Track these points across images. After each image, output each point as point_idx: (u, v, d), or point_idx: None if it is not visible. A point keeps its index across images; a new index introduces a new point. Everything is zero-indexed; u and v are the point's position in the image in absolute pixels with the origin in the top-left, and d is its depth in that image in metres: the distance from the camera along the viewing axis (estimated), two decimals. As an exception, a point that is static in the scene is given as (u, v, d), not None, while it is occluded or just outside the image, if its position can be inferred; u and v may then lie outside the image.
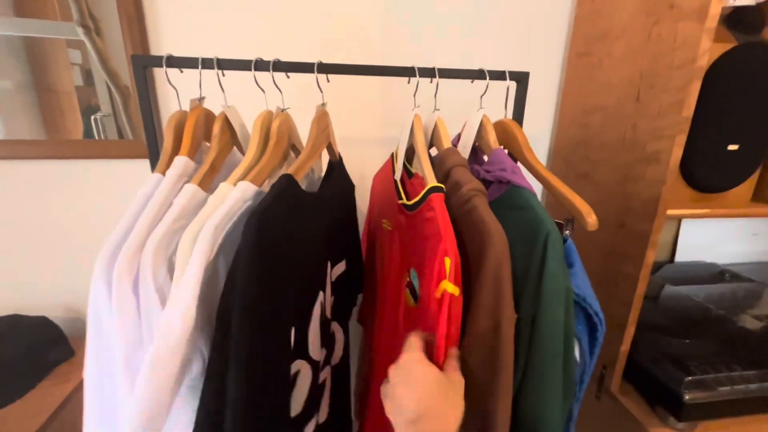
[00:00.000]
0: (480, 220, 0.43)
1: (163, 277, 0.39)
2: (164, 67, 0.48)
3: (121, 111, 0.82)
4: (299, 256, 0.43)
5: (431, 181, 0.48)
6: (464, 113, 0.63)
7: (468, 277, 0.44)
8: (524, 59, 0.92)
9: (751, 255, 1.17)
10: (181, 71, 0.52)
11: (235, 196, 0.41)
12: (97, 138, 0.83)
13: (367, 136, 0.91)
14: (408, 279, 0.54)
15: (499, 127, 0.61)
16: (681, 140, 0.61)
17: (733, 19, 0.64)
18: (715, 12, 0.55)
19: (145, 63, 0.48)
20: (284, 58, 0.53)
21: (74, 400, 0.73)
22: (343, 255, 0.66)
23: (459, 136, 0.65)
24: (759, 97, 0.65)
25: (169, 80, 0.50)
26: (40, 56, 0.77)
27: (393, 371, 0.39)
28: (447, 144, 0.55)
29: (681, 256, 1.14)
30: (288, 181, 0.42)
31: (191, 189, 0.42)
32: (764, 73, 0.64)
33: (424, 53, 0.88)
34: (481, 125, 0.59)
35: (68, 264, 0.90)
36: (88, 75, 0.80)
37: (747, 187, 0.72)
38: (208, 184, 0.45)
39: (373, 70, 0.58)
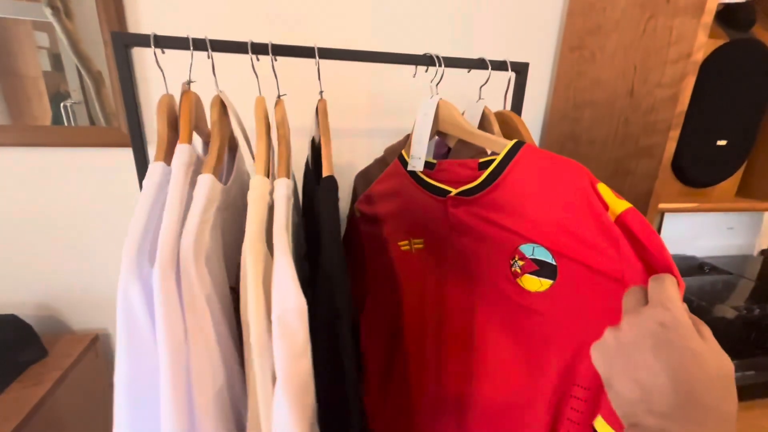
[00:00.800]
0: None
1: (202, 269, 0.38)
2: (152, 47, 0.45)
3: (93, 98, 0.77)
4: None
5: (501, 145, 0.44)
6: (459, 104, 0.62)
7: None
8: (516, 53, 0.91)
9: (727, 248, 1.21)
10: (163, 52, 0.48)
11: (284, 194, 0.42)
12: (66, 125, 0.77)
13: (357, 126, 0.89)
14: (519, 261, 0.44)
15: (500, 118, 0.59)
16: (675, 135, 0.62)
17: (725, 15, 0.65)
18: (711, 7, 0.55)
19: (127, 42, 0.45)
20: (264, 41, 0.51)
21: (48, 403, 0.69)
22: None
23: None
24: (747, 93, 0.66)
25: (157, 62, 0.46)
26: (3, 38, 0.71)
27: (645, 333, 0.26)
28: (461, 125, 0.52)
29: (662, 250, 1.17)
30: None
31: (209, 180, 0.41)
32: (754, 68, 0.65)
33: (415, 46, 0.86)
34: (484, 116, 0.57)
35: (39, 258, 0.84)
36: (56, 59, 0.74)
37: (732, 181, 0.74)
38: (218, 173, 0.44)
39: (376, 57, 0.56)
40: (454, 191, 0.47)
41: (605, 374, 0.29)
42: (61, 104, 0.77)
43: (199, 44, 0.45)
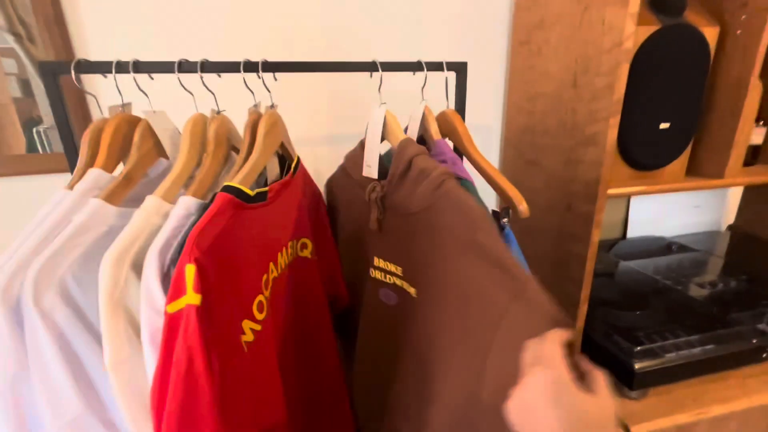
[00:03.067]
0: (458, 201, 0.44)
1: (50, 301, 0.36)
2: (72, 73, 0.45)
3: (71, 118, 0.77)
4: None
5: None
6: (409, 106, 0.63)
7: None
8: (471, 50, 0.93)
9: (695, 226, 1.24)
10: (105, 76, 0.49)
11: (179, 214, 0.39)
12: (41, 151, 0.77)
13: (313, 135, 0.90)
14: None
15: (441, 118, 0.61)
16: (615, 122, 0.63)
17: (657, 2, 0.67)
18: (636, -4, 0.57)
19: (54, 70, 0.45)
20: (221, 56, 0.51)
21: None
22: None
23: (406, 129, 0.65)
24: (684, 76, 0.68)
25: (82, 88, 0.47)
26: (-32, 67, 0.71)
27: (531, 392, 0.32)
28: (400, 136, 0.54)
29: (632, 232, 1.19)
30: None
31: (95, 204, 0.39)
32: (687, 52, 0.67)
33: (366, 47, 0.87)
34: (424, 117, 0.59)
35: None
36: (26, 85, 0.74)
37: (681, 162, 0.76)
38: (120, 197, 0.42)
39: (310, 67, 0.57)
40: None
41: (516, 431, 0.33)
42: (34, 129, 0.77)
43: (123, 67, 0.45)
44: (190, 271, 0.33)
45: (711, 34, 0.68)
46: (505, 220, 0.49)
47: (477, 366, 0.42)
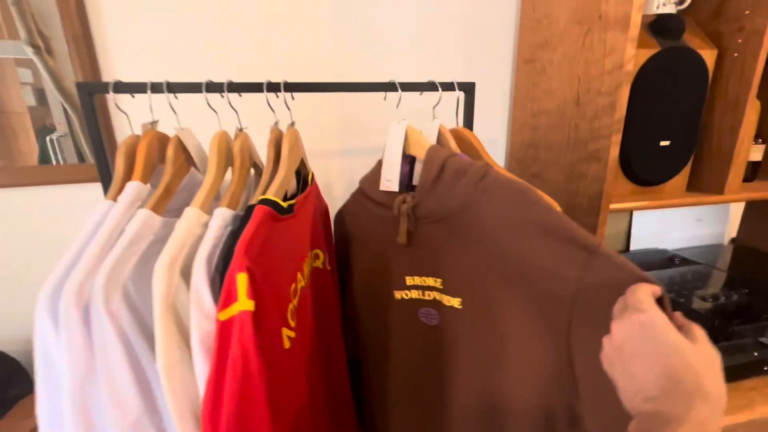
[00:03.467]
0: (507, 184, 0.45)
1: (116, 305, 0.38)
2: (111, 93, 0.48)
3: (78, 131, 0.80)
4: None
5: None
6: (416, 124, 0.66)
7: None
8: (477, 68, 0.96)
9: (698, 239, 1.26)
10: (133, 96, 0.52)
11: (218, 224, 0.42)
12: (54, 160, 0.81)
13: (325, 149, 0.93)
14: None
15: (455, 134, 0.63)
16: (617, 139, 0.66)
17: (656, 25, 0.70)
18: (636, 21, 0.60)
19: (91, 90, 0.48)
20: (237, 75, 0.55)
21: (38, 435, 0.71)
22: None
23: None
24: (684, 96, 0.71)
25: (117, 106, 0.50)
26: (-13, 77, 0.75)
27: (630, 333, 0.31)
28: (425, 146, 0.53)
29: (635, 245, 1.21)
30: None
31: (144, 214, 0.42)
32: (686, 73, 0.70)
33: (375, 68, 0.90)
34: (440, 134, 0.60)
35: (24, 295, 0.86)
36: (41, 95, 0.77)
37: (682, 178, 0.78)
38: (163, 208, 0.45)
39: (329, 87, 0.60)
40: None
41: (612, 377, 0.33)
42: (47, 138, 0.80)
43: (157, 87, 0.48)
44: (242, 279, 0.35)
45: (709, 56, 0.71)
46: None
47: (558, 348, 0.41)
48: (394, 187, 0.56)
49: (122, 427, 0.38)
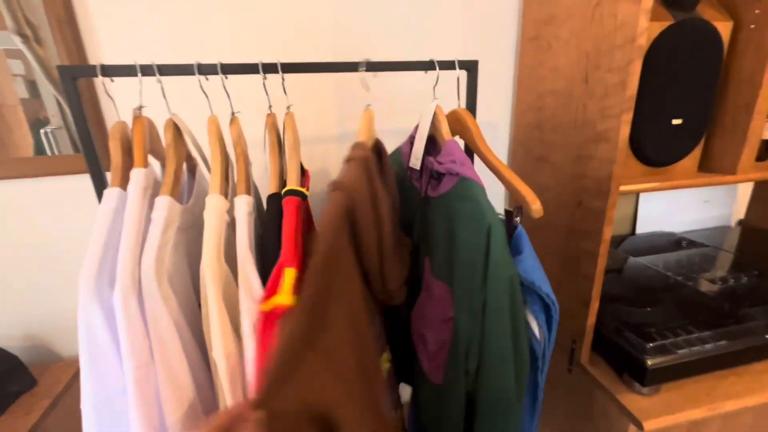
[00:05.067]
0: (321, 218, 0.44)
1: (165, 288, 0.39)
2: (99, 77, 0.45)
3: (72, 122, 0.78)
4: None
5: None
6: (421, 104, 0.63)
7: None
8: (480, 46, 0.93)
9: (704, 221, 1.24)
10: (112, 80, 0.49)
11: (245, 211, 0.43)
12: (49, 152, 0.78)
13: (325, 133, 0.90)
14: None
15: (453, 116, 0.61)
16: (627, 118, 0.63)
17: (668, -3, 0.66)
18: (649, -9, 0.56)
19: (74, 74, 0.45)
20: (228, 59, 0.52)
21: (38, 431, 0.70)
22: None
23: (416, 128, 0.65)
24: (696, 72, 0.68)
25: (106, 91, 0.47)
26: (-24, 70, 0.72)
27: None
28: (365, 136, 0.55)
29: (641, 228, 1.19)
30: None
31: (168, 201, 0.42)
32: (700, 47, 0.67)
33: (374, 46, 0.87)
34: (435, 116, 0.59)
35: (22, 289, 0.85)
36: (33, 86, 0.75)
37: (692, 158, 0.76)
38: (177, 194, 0.45)
39: (322, 67, 0.57)
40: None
41: None
42: (41, 131, 0.77)
43: (147, 70, 0.45)
44: (290, 273, 0.37)
45: (724, 28, 0.68)
46: (517, 219, 0.50)
47: None
48: (418, 165, 0.60)
49: (182, 411, 0.40)
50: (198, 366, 0.43)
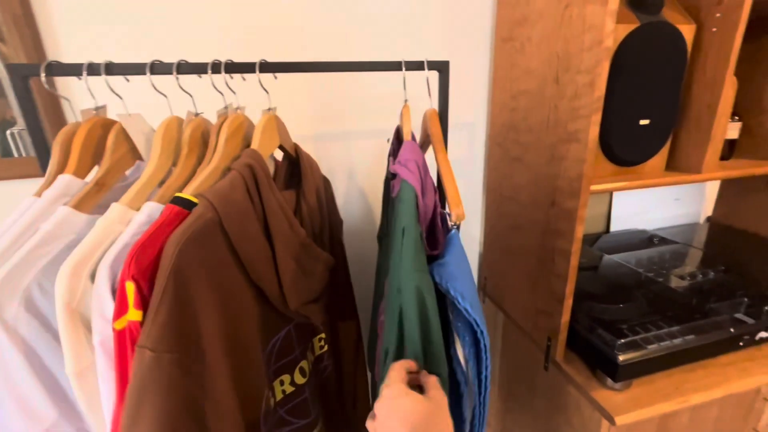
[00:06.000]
0: None
1: (14, 312, 0.35)
2: (42, 75, 0.43)
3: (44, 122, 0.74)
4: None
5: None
6: (394, 105, 0.63)
7: None
8: (455, 47, 0.93)
9: (676, 218, 1.27)
10: (79, 79, 0.47)
11: (138, 220, 0.37)
12: (16, 154, 0.75)
13: (299, 134, 0.89)
14: None
15: (424, 117, 0.61)
16: (597, 119, 0.64)
17: (635, 0, 0.68)
18: (615, -6, 0.57)
19: (25, 72, 0.43)
20: (198, 57, 0.50)
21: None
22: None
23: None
24: (663, 73, 0.70)
25: (52, 90, 0.45)
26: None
27: (379, 408, 0.38)
28: (259, 143, 0.51)
29: (615, 226, 1.22)
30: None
31: (62, 212, 0.38)
32: (665, 50, 0.69)
33: (348, 46, 0.86)
34: (401, 117, 0.58)
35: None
36: None
37: (660, 158, 0.78)
38: (92, 204, 0.41)
39: (291, 67, 0.56)
40: None
41: None
42: (8, 132, 0.74)
43: (95, 69, 0.43)
44: (131, 288, 0.34)
45: (688, 31, 0.70)
46: (452, 222, 0.49)
47: None
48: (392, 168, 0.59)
49: None
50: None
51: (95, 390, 0.35)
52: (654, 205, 1.24)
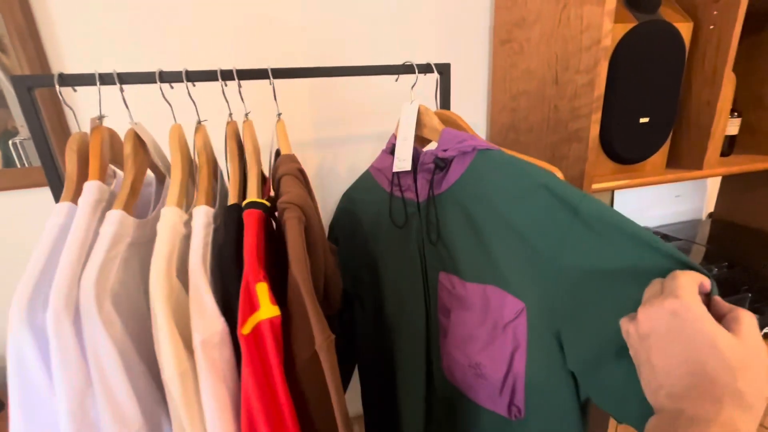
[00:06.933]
0: (286, 237, 0.43)
1: (108, 311, 0.36)
2: (56, 86, 0.44)
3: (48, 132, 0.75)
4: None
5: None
6: (392, 106, 0.63)
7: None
8: (454, 49, 0.93)
9: (677, 215, 1.27)
10: (74, 90, 0.48)
11: (202, 223, 0.41)
12: (18, 164, 0.75)
13: (301, 139, 0.89)
14: None
15: (442, 117, 0.60)
16: (597, 118, 0.64)
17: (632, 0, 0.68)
18: (612, -6, 0.58)
19: (30, 84, 0.44)
20: (199, 65, 0.51)
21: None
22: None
23: (390, 139, 0.64)
24: (661, 71, 0.70)
25: (63, 100, 0.46)
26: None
27: (657, 319, 0.27)
28: (286, 149, 0.54)
29: (617, 224, 1.22)
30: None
31: (118, 215, 0.39)
32: (663, 48, 0.69)
33: (349, 50, 0.86)
34: (420, 114, 0.57)
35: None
36: (0, 96, 0.72)
37: (661, 155, 0.78)
38: (132, 208, 0.43)
39: (298, 73, 0.56)
40: None
41: (636, 364, 0.30)
42: (10, 142, 0.74)
43: (107, 78, 0.44)
44: (263, 288, 0.37)
45: (685, 29, 0.70)
46: None
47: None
48: (408, 166, 0.55)
49: None
50: (148, 386, 0.40)
51: (195, 392, 0.36)
52: (655, 203, 1.24)
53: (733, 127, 0.85)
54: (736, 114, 0.85)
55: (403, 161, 0.56)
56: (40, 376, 0.35)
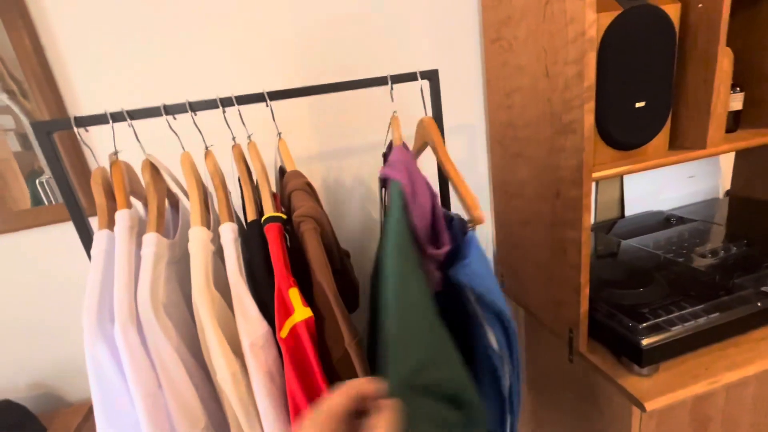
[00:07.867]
0: (306, 248, 0.46)
1: (163, 319, 0.41)
2: (74, 129, 0.48)
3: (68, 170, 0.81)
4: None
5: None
6: (385, 115, 0.65)
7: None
8: (446, 53, 0.95)
9: (692, 196, 1.25)
10: (86, 130, 0.52)
11: (231, 238, 0.46)
12: (45, 201, 0.81)
13: (304, 155, 0.92)
14: None
15: (420, 125, 0.63)
16: (590, 107, 0.65)
17: (615, -13, 0.69)
18: (592, -15, 0.59)
19: (48, 128, 0.48)
20: (202, 94, 0.54)
21: (52, 478, 0.71)
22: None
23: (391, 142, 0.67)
24: (652, 54, 0.70)
25: (82, 141, 0.50)
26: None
27: None
28: (291, 166, 0.58)
29: (630, 210, 1.20)
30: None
31: (154, 237, 0.45)
32: (652, 31, 0.69)
33: (342, 62, 0.89)
34: (390, 125, 0.61)
35: (25, 340, 0.86)
36: (24, 139, 0.77)
37: (663, 137, 0.77)
38: (162, 229, 0.48)
39: (288, 94, 0.59)
40: None
41: None
42: (36, 181, 0.80)
43: (117, 116, 0.48)
44: (295, 293, 0.41)
45: (673, 10, 0.70)
46: (470, 225, 0.51)
47: None
48: None
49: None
50: (203, 387, 0.46)
51: (247, 390, 0.41)
52: (668, 185, 1.22)
53: (736, 102, 0.84)
54: (738, 89, 0.83)
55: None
56: (116, 379, 0.41)
